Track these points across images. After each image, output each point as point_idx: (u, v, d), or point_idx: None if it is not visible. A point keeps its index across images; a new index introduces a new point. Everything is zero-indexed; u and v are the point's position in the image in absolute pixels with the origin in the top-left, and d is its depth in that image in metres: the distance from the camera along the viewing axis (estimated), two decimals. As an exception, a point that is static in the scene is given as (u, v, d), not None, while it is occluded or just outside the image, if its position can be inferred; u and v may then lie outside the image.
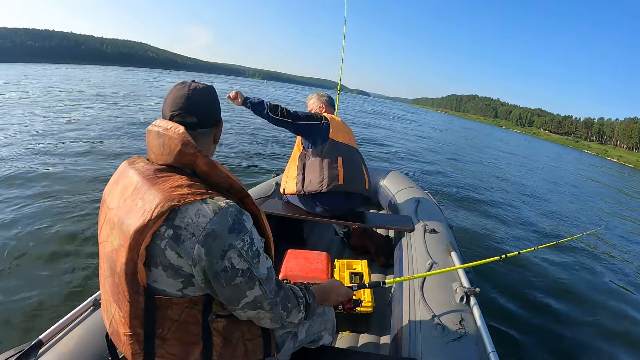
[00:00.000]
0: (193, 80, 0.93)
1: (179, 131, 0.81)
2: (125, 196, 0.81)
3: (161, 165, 0.85)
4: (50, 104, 11.25)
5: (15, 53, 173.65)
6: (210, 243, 0.73)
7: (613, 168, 40.23)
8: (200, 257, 0.73)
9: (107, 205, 0.86)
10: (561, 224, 6.85)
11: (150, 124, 0.89)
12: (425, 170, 9.11)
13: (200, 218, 0.73)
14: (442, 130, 31.80)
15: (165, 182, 0.78)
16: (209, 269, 0.75)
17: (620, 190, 16.40)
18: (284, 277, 1.74)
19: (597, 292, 3.83)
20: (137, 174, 0.83)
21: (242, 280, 0.78)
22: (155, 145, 0.85)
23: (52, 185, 4.37)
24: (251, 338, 0.91)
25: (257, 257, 0.80)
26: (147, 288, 0.77)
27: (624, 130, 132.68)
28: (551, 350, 2.60)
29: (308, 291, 1.02)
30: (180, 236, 0.73)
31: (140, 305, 0.77)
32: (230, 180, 0.85)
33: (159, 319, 0.79)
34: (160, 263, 0.75)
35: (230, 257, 0.75)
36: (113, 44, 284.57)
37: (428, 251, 1.89)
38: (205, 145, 0.93)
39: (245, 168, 6.42)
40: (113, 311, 0.84)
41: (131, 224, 0.74)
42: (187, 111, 0.87)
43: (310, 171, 2.21)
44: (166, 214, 0.72)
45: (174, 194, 0.74)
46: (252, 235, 0.79)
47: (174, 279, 0.77)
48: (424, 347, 1.25)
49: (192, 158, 0.81)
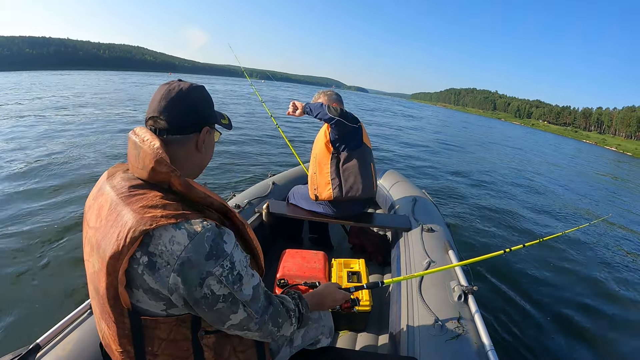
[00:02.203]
0: (179, 80, 0.87)
1: (154, 146, 0.77)
2: (102, 216, 0.78)
3: (137, 178, 0.81)
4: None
5: (13, 61, 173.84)
6: (186, 272, 0.69)
7: (605, 155, 40.08)
8: (177, 285, 0.70)
9: (87, 222, 0.84)
10: (566, 215, 6.80)
11: (131, 130, 0.85)
12: (421, 168, 9.06)
13: (175, 245, 0.69)
14: (442, 125, 31.66)
15: (138, 202, 0.74)
16: (188, 297, 0.72)
17: (623, 179, 16.39)
18: (281, 277, 1.75)
19: (600, 287, 3.77)
20: (113, 191, 0.79)
21: (225, 306, 0.75)
22: (132, 155, 0.81)
23: (47, 182, 4.44)
24: (243, 349, 0.90)
25: (239, 282, 0.76)
26: (132, 309, 0.75)
27: (622, 119, 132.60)
28: (550, 347, 2.60)
29: (301, 301, 1.00)
30: (155, 264, 0.70)
31: (127, 326, 0.76)
32: (209, 199, 0.80)
33: (148, 338, 0.78)
34: (140, 286, 0.72)
35: (209, 284, 0.71)
36: (110, 49, 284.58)
37: (425, 250, 1.89)
38: (183, 155, 0.85)
39: (240, 167, 6.40)
40: (103, 327, 0.83)
41: (106, 249, 0.72)
42: (159, 115, 0.81)
43: (347, 176, 2.16)
44: (139, 239, 0.69)
45: (147, 217, 0.70)
46: (232, 259, 0.74)
47: (156, 301, 0.74)
48: (422, 346, 1.25)
49: (166, 177, 0.76)
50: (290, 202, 2.49)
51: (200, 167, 0.92)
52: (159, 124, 0.82)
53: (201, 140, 0.86)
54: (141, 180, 0.80)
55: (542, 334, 2.73)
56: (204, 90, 0.88)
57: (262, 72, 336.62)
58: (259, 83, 63.89)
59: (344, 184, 2.16)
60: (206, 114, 0.87)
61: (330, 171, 2.18)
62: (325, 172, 2.20)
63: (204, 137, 0.86)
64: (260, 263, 0.93)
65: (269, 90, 46.60)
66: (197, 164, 0.89)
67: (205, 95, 0.88)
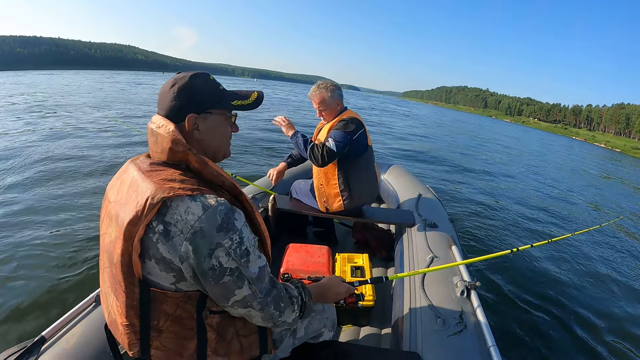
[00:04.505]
0: (178, 72, 0.91)
1: (169, 129, 0.83)
2: (123, 189, 0.83)
3: (158, 161, 0.86)
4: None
5: (4, 60, 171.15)
6: (198, 241, 0.73)
7: (601, 154, 40.45)
8: (187, 254, 0.74)
9: (108, 199, 0.88)
10: (575, 215, 6.76)
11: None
12: (425, 164, 9.09)
13: (189, 216, 0.73)
14: (436, 122, 31.75)
15: (158, 175, 0.79)
16: (197, 267, 0.75)
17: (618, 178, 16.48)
18: (285, 271, 1.75)
19: (607, 290, 3.74)
20: (136, 168, 0.84)
21: (230, 279, 0.78)
22: (151, 142, 0.87)
23: (53, 180, 4.44)
24: (246, 334, 0.92)
25: (247, 257, 0.79)
26: (143, 280, 0.78)
27: (612, 116, 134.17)
28: (553, 345, 2.59)
29: (304, 290, 1.02)
30: (170, 232, 0.74)
31: (136, 296, 0.79)
32: (221, 177, 0.84)
33: (154, 312, 0.80)
34: (153, 256, 0.76)
35: (217, 255, 0.75)
36: (102, 48, 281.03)
37: (429, 245, 1.90)
38: (188, 139, 0.87)
39: (244, 163, 6.41)
40: (111, 301, 0.86)
41: (125, 216, 0.76)
42: (160, 105, 0.88)
43: (356, 185, 2.13)
44: (157, 206, 0.73)
45: (166, 186, 0.75)
46: (241, 235, 0.78)
47: (166, 272, 0.77)
48: (424, 341, 1.26)
49: (183, 155, 0.82)
50: (293, 197, 2.49)
51: (206, 152, 0.91)
52: (161, 113, 0.88)
53: (188, 127, 0.86)
54: (162, 162, 0.85)
55: (545, 332, 2.72)
56: (194, 80, 0.87)
57: (255, 70, 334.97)
58: (252, 82, 63.51)
59: (354, 194, 2.13)
60: (194, 102, 0.86)
61: (339, 183, 2.13)
62: (333, 183, 2.15)
63: (190, 125, 0.86)
64: (267, 249, 0.95)
65: (263, 88, 46.25)
66: (201, 148, 0.89)
67: (195, 83, 0.87)
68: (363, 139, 2.14)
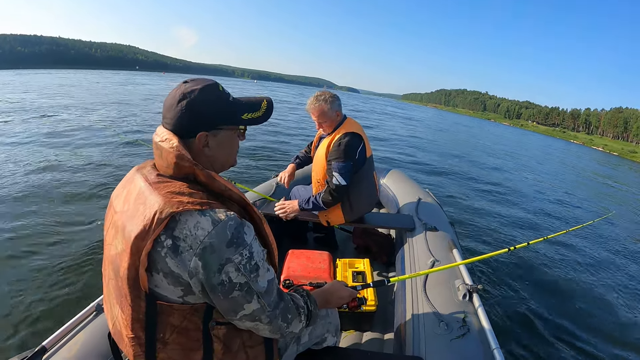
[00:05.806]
0: (186, 81, 0.86)
1: (173, 144, 0.80)
2: (130, 201, 0.81)
3: (164, 173, 0.84)
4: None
5: (4, 59, 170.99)
6: (207, 257, 0.72)
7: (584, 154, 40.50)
8: (197, 270, 0.73)
9: (113, 208, 0.87)
10: (570, 214, 6.87)
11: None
12: (424, 168, 9.10)
13: (199, 231, 0.72)
14: (437, 127, 31.69)
15: (166, 188, 0.77)
16: (206, 282, 0.74)
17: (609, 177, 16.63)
18: (286, 277, 1.74)
19: (607, 286, 3.77)
20: (142, 179, 0.83)
21: (240, 294, 0.77)
22: (156, 155, 0.85)
23: (55, 188, 4.39)
24: (253, 345, 0.91)
25: (256, 271, 0.78)
26: (149, 293, 0.77)
27: (610, 119, 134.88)
28: (556, 346, 2.59)
29: (310, 299, 1.01)
30: (179, 247, 0.73)
31: (142, 309, 0.78)
32: (229, 192, 0.83)
33: (160, 324, 0.79)
34: (161, 269, 0.75)
35: (227, 271, 0.74)
36: (102, 48, 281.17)
37: (430, 249, 1.89)
38: (195, 153, 0.85)
39: (242, 169, 6.35)
40: (116, 313, 0.85)
41: (132, 230, 0.74)
42: (165, 118, 0.84)
43: (357, 197, 2.11)
44: (165, 221, 0.72)
45: (174, 200, 0.73)
46: (251, 249, 0.77)
47: (174, 286, 0.76)
48: (427, 345, 1.25)
49: (190, 169, 0.79)
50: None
51: (214, 165, 0.89)
52: (167, 126, 0.84)
53: (197, 145, 0.84)
54: (168, 176, 0.83)
55: (548, 333, 2.72)
56: (204, 95, 0.83)
57: (255, 72, 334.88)
58: (251, 83, 63.40)
59: (355, 205, 2.12)
60: (205, 120, 0.83)
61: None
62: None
63: (201, 143, 0.84)
64: (274, 260, 0.94)
65: (255, 91, 45.98)
66: (209, 162, 0.88)
67: (206, 99, 0.83)
68: (362, 154, 2.10)
